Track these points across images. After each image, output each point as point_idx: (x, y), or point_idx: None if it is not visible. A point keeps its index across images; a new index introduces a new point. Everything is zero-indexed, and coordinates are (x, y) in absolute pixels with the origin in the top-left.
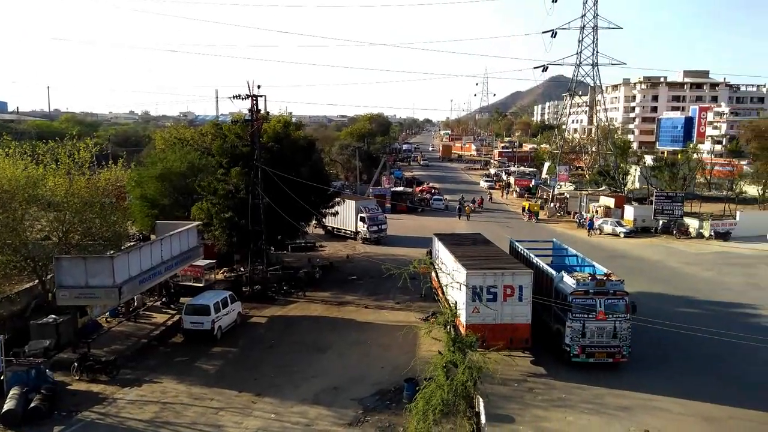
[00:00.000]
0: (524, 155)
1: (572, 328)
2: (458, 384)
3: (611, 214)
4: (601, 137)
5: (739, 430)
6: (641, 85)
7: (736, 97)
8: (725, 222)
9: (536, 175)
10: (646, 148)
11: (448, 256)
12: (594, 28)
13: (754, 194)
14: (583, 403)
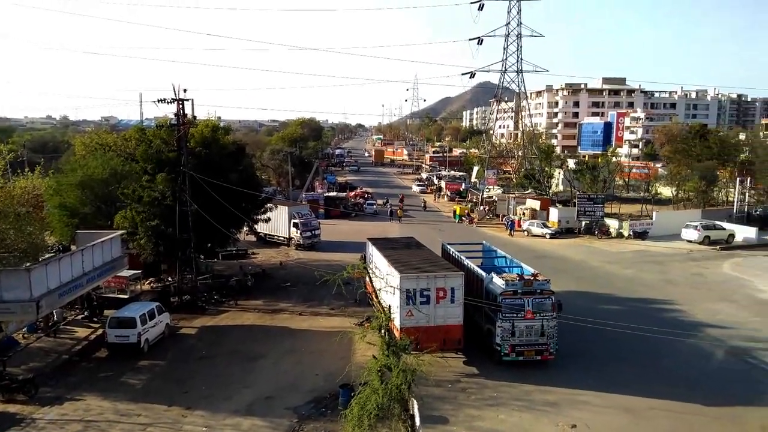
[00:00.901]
0: (454, 160)
1: (502, 327)
2: (393, 388)
3: (537, 216)
4: (527, 142)
5: (656, 419)
6: (563, 92)
7: (650, 102)
8: (643, 222)
9: (466, 179)
10: (568, 152)
11: (381, 260)
12: (518, 36)
13: (669, 195)
14: (514, 401)
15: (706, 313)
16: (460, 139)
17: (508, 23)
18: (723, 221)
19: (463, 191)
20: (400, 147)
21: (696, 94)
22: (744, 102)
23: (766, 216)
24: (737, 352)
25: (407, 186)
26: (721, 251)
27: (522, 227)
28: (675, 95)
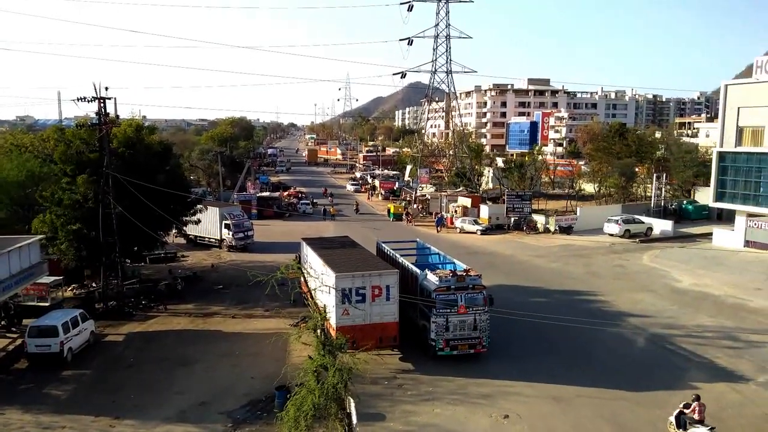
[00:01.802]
0: (388, 159)
1: (437, 323)
2: (329, 387)
3: (469, 213)
4: (458, 141)
5: (583, 406)
6: (491, 92)
7: (573, 103)
8: (568, 217)
9: (399, 177)
10: (497, 150)
11: (316, 260)
12: (447, 37)
13: (591, 191)
14: (449, 395)
15: (628, 302)
16: (393, 139)
17: (437, 24)
18: (642, 215)
19: (397, 190)
20: (334, 146)
21: (615, 94)
22: (659, 102)
23: (680, 209)
24: (657, 339)
25: (341, 185)
26: (640, 244)
27: (454, 224)
28: (596, 96)
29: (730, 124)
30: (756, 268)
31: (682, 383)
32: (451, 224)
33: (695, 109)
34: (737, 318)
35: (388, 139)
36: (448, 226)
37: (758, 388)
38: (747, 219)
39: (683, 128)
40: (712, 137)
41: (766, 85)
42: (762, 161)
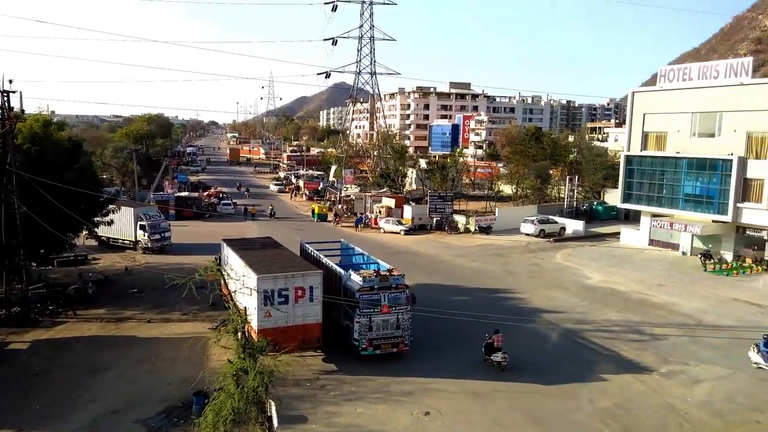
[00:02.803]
0: (312, 159)
1: (360, 323)
2: (249, 391)
3: (392, 213)
4: (382, 142)
5: (501, 400)
6: (414, 95)
7: (492, 107)
8: (487, 218)
9: (324, 178)
10: (420, 152)
11: (237, 261)
12: (371, 39)
13: (509, 192)
14: (372, 394)
15: (543, 299)
16: (318, 139)
17: (361, 26)
18: (556, 216)
19: (322, 190)
20: (257, 145)
21: (532, 99)
22: (572, 108)
23: (591, 210)
24: (569, 334)
25: (265, 185)
26: (554, 243)
27: (378, 225)
28: (514, 100)
29: (637, 129)
30: (659, 266)
31: (592, 375)
32: (375, 225)
33: (605, 115)
34: (642, 312)
35: (312, 139)
36: (372, 226)
37: (661, 378)
38: (651, 219)
39: (594, 133)
40: (620, 142)
41: (669, 93)
42: (665, 165)
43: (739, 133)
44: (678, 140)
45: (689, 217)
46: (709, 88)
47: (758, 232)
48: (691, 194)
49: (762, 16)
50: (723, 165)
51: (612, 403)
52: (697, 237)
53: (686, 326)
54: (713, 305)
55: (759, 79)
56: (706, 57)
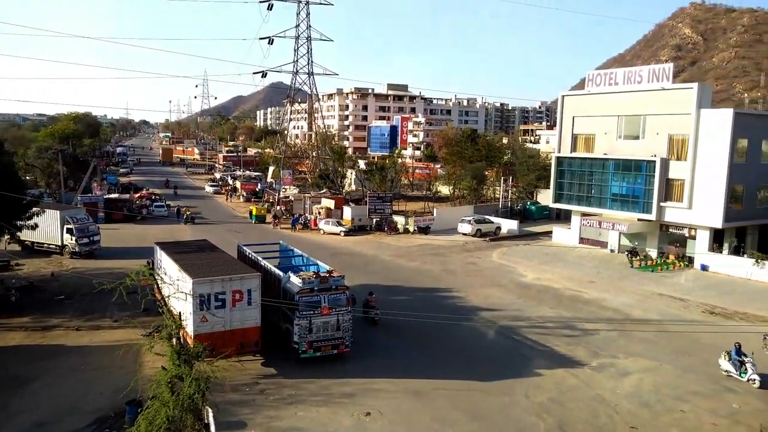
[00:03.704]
0: (249, 159)
1: (300, 325)
2: (185, 398)
3: (332, 214)
4: (320, 143)
5: (440, 398)
6: (353, 96)
7: (429, 109)
8: (425, 218)
9: (262, 179)
10: (359, 153)
11: (172, 265)
12: (308, 39)
13: (447, 193)
14: (313, 397)
15: (480, 297)
16: (255, 139)
17: (298, 25)
18: (491, 216)
19: (260, 191)
20: (191, 146)
21: (467, 102)
22: (506, 110)
23: (525, 210)
24: (505, 331)
25: (200, 186)
26: (490, 242)
27: (318, 226)
28: (450, 103)
29: (567, 131)
30: (589, 263)
31: (528, 371)
32: (315, 226)
33: (537, 118)
34: (574, 308)
35: (249, 140)
36: (312, 227)
37: (592, 372)
38: (581, 218)
39: (527, 135)
40: (551, 143)
41: (597, 97)
42: (593, 166)
43: (661, 136)
44: (605, 142)
45: (616, 216)
46: (633, 92)
47: (680, 229)
48: (618, 194)
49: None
50: (647, 166)
51: (547, 398)
52: (623, 235)
53: (615, 321)
54: (639, 300)
55: (679, 84)
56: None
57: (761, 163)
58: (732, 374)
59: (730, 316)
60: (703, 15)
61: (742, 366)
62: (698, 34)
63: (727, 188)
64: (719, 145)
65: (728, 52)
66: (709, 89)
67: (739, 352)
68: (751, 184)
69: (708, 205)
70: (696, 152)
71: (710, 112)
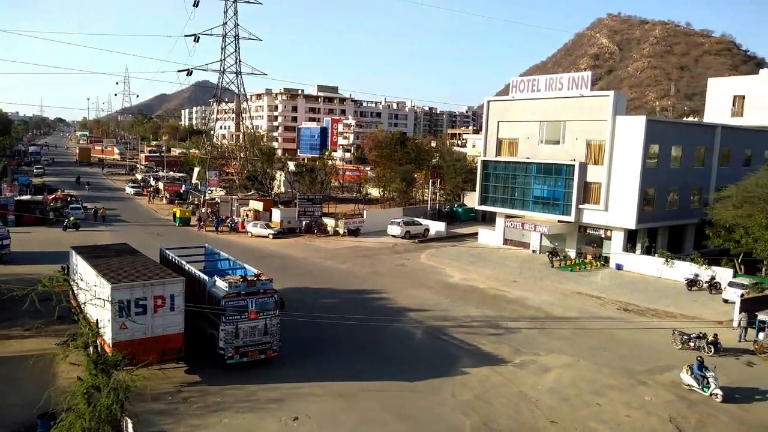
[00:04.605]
0: (173, 160)
1: (226, 331)
2: (102, 409)
3: (260, 217)
4: (248, 144)
5: (369, 399)
6: (282, 96)
7: (360, 111)
8: (355, 220)
9: (186, 180)
10: (289, 154)
11: (88, 270)
12: (236, 37)
13: (377, 195)
14: (238, 403)
15: (408, 298)
16: (180, 139)
17: (225, 23)
18: (420, 218)
19: (184, 193)
20: (111, 145)
21: (397, 105)
22: (434, 114)
23: (452, 212)
24: (433, 331)
25: (120, 188)
26: (419, 244)
27: (246, 228)
28: (380, 105)
29: (492, 136)
30: (512, 263)
31: (455, 370)
32: (243, 228)
33: (464, 122)
34: (498, 307)
35: (173, 139)
36: (239, 230)
37: (515, 369)
38: (505, 220)
39: (454, 138)
40: (477, 147)
41: (520, 103)
42: (517, 169)
43: (580, 141)
44: (528, 146)
45: (538, 218)
46: (554, 99)
47: (597, 231)
48: (540, 197)
49: (599, 34)
50: (566, 170)
51: (472, 395)
52: (545, 236)
53: (537, 319)
54: (560, 298)
55: (596, 92)
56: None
57: (671, 168)
58: (694, 388)
59: (642, 312)
60: (619, 26)
61: (705, 380)
62: (615, 44)
63: (639, 191)
64: (633, 150)
65: (642, 62)
66: (623, 97)
67: (702, 367)
68: (662, 187)
69: (622, 207)
70: (612, 157)
71: (625, 118)
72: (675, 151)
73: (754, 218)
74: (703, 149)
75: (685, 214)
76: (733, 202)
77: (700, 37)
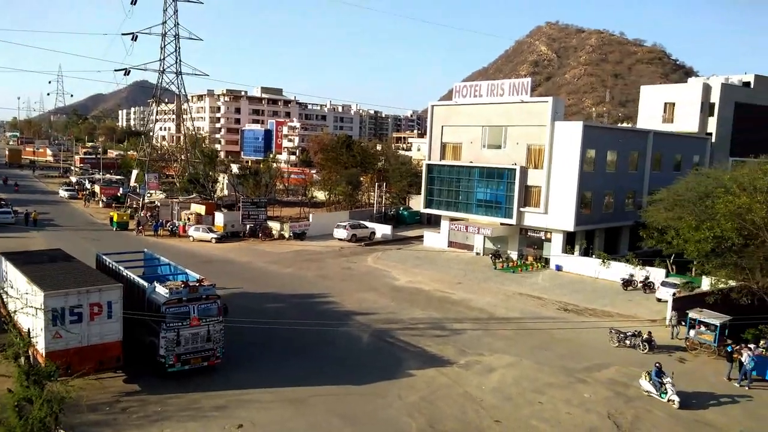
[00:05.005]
0: (110, 162)
1: (167, 338)
2: (35, 422)
3: (203, 220)
4: (190, 146)
5: (317, 404)
6: (225, 98)
7: (305, 114)
8: (301, 224)
9: (124, 183)
10: (232, 157)
11: (19, 277)
12: (176, 37)
13: (323, 198)
14: (181, 412)
15: (355, 302)
16: (117, 140)
17: (165, 22)
18: (366, 221)
19: (122, 196)
20: (43, 146)
21: (342, 108)
22: (379, 118)
23: (398, 215)
24: (379, 334)
25: (53, 191)
26: (365, 247)
27: (187, 233)
28: (325, 108)
29: (436, 140)
30: (457, 266)
31: (401, 372)
32: (184, 233)
33: (409, 126)
34: (443, 309)
35: (110, 141)
36: (180, 234)
37: (460, 370)
38: (450, 223)
39: (399, 142)
40: (422, 151)
41: (463, 108)
42: (460, 173)
43: (520, 146)
44: (471, 151)
45: (482, 221)
46: (496, 104)
47: (537, 233)
48: (483, 200)
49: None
50: (508, 174)
51: (418, 397)
52: (488, 238)
53: (481, 320)
54: (502, 299)
55: (536, 98)
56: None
57: (607, 172)
58: (653, 395)
59: (581, 312)
60: (557, 34)
61: (662, 386)
62: (553, 51)
63: (577, 194)
64: (571, 154)
65: (578, 69)
66: (562, 103)
67: (659, 373)
68: (598, 190)
69: (561, 210)
70: (551, 161)
71: (563, 124)
72: (610, 156)
73: (684, 220)
74: (637, 154)
75: (620, 217)
76: (664, 205)
77: (632, 46)
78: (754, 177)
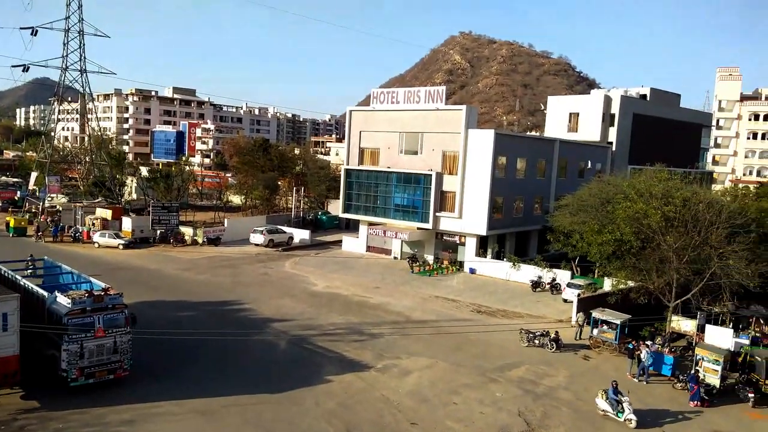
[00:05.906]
0: (6, 163)
1: (69, 351)
2: None
3: (109, 226)
4: (95, 147)
5: (230, 415)
6: (134, 97)
7: (219, 116)
8: (216, 229)
9: (22, 186)
10: (141, 159)
11: None
12: (80, 33)
13: (239, 203)
14: (84, 428)
15: (272, 308)
16: (14, 140)
17: (68, 17)
18: (284, 225)
19: (19, 200)
20: None
21: (259, 111)
22: (297, 122)
23: (316, 220)
24: (297, 341)
25: None
26: (283, 252)
27: (92, 238)
28: (241, 111)
29: (354, 145)
30: (375, 270)
31: (318, 378)
32: (88, 238)
33: (327, 130)
34: (361, 314)
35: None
36: (84, 240)
37: (377, 374)
38: (368, 227)
39: (318, 146)
40: (341, 155)
41: (381, 114)
42: (378, 178)
43: (436, 152)
44: (389, 156)
45: (399, 225)
46: (412, 111)
47: (452, 237)
48: (401, 205)
49: (452, 51)
50: (424, 179)
51: (336, 403)
52: (405, 243)
53: (398, 323)
54: (419, 303)
55: (450, 106)
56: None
57: (516, 178)
58: (609, 414)
59: (493, 313)
60: (470, 44)
61: (619, 405)
62: (466, 60)
63: (489, 200)
64: (483, 161)
65: (490, 79)
66: (475, 111)
67: (616, 391)
68: (509, 196)
69: (475, 215)
70: (465, 167)
71: (476, 132)
72: (520, 163)
73: (587, 224)
74: (544, 161)
75: (529, 221)
76: (569, 210)
77: (540, 58)
78: (650, 184)
